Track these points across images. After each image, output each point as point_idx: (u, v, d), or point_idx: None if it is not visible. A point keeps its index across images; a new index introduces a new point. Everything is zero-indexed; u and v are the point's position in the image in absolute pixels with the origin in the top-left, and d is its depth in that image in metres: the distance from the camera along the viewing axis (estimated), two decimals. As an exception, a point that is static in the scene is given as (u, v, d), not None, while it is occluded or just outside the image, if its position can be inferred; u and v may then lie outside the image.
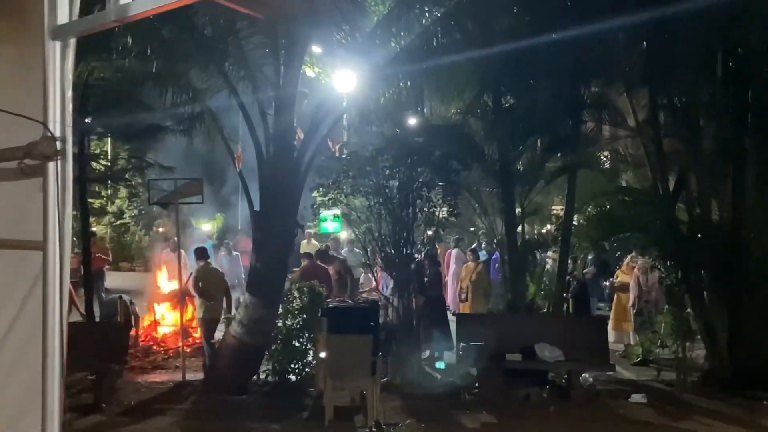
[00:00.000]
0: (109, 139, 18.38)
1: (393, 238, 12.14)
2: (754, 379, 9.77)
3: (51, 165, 2.72)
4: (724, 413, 8.92)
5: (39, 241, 2.76)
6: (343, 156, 13.97)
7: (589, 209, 13.57)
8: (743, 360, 10.10)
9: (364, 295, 13.54)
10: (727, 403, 9.27)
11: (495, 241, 14.00)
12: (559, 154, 12.99)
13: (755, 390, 9.53)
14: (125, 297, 12.92)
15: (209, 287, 11.17)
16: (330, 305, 10.87)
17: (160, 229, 17.44)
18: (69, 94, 2.92)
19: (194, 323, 12.66)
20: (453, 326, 12.09)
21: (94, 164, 16.34)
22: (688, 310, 11.19)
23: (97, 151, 18.02)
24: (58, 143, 2.70)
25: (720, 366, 10.39)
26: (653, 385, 10.70)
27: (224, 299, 11.34)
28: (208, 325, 11.03)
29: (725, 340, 10.39)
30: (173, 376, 11.02)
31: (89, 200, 14.39)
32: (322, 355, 9.65)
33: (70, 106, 2.89)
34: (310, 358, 10.54)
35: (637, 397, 9.90)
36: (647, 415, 9.38)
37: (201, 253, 11.86)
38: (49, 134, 2.69)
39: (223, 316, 11.20)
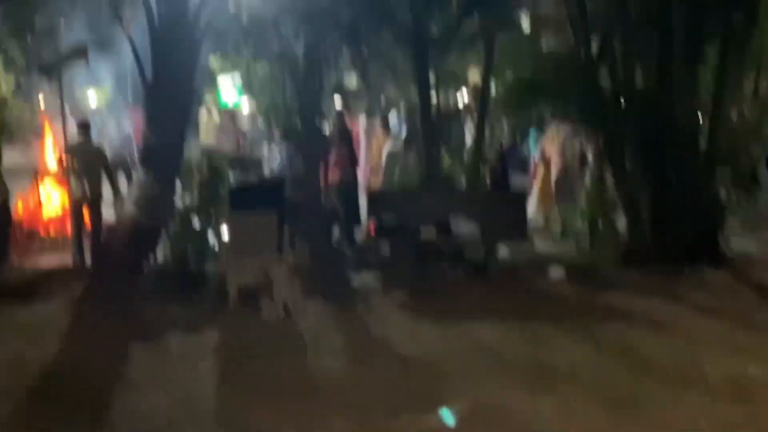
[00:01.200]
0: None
1: (299, 109, 12.00)
2: (675, 251, 10.03)
3: None
4: (643, 286, 9.18)
5: None
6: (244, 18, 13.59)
7: (508, 76, 13.69)
8: (665, 232, 10.39)
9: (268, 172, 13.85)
10: (647, 277, 9.59)
11: (406, 111, 14.31)
12: (476, 17, 12.60)
13: (676, 262, 9.83)
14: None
15: (83, 164, 10.66)
16: (233, 183, 10.89)
17: (42, 102, 16.62)
18: None
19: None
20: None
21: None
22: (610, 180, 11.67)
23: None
24: None
25: (641, 239, 10.71)
26: (573, 260, 10.96)
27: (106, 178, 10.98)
28: (77, 206, 10.69)
29: (647, 211, 10.65)
30: (63, 261, 10.91)
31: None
32: (225, 233, 9.66)
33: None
34: (210, 238, 10.39)
35: (555, 272, 10.10)
36: (565, 290, 9.59)
37: (81, 127, 11.14)
38: None
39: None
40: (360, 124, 16.30)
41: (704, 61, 10.70)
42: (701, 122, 10.93)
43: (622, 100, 10.87)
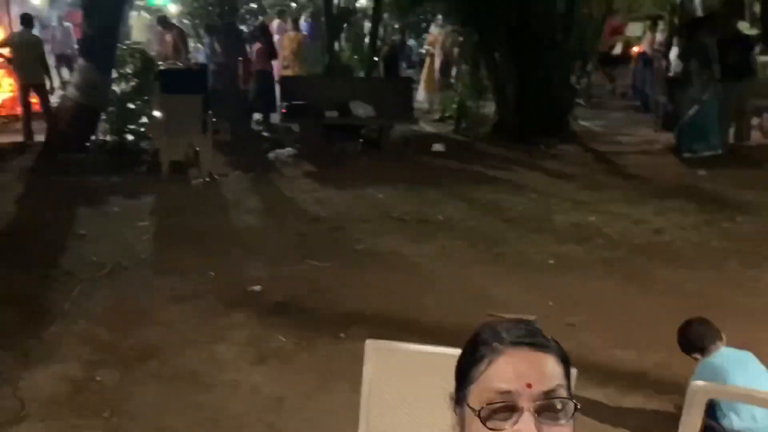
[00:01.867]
0: None
1: (220, 8, 12.08)
2: (535, 129, 10.65)
3: None
4: (508, 158, 9.91)
5: None
6: None
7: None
8: (527, 114, 10.86)
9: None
10: (511, 150, 10.25)
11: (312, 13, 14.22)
12: None
13: (534, 138, 10.46)
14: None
15: (24, 52, 10.36)
16: (162, 68, 10.81)
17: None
18: None
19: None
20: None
21: None
22: (483, 70, 12.26)
23: None
24: None
25: (507, 119, 11.26)
26: (451, 136, 11.50)
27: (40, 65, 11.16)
28: (23, 89, 10.32)
29: (513, 96, 11.16)
30: (13, 139, 10.75)
31: None
32: (157, 114, 9.74)
33: None
34: (144, 119, 10.49)
35: (437, 147, 10.71)
36: (445, 161, 10.31)
37: (24, 20, 10.82)
38: None
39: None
40: (274, 25, 16.28)
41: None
42: (558, 22, 11.65)
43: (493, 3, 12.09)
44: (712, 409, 3.11)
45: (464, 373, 1.01)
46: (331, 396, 2.67)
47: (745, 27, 12.25)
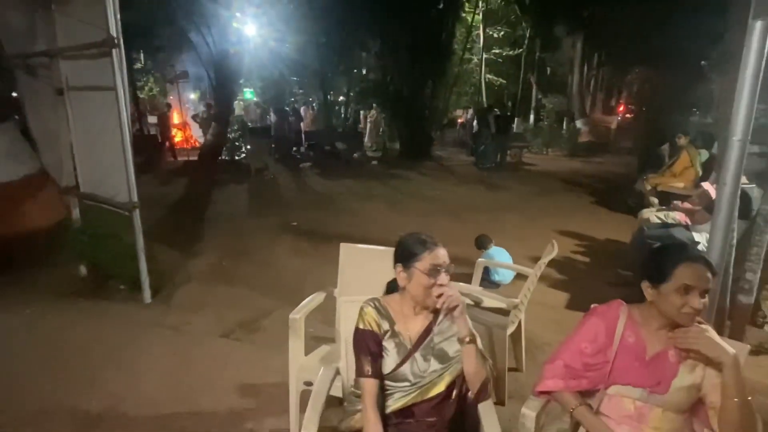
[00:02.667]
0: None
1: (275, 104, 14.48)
2: (415, 154, 12.72)
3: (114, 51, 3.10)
4: (404, 167, 11.51)
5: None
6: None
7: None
8: (411, 148, 12.95)
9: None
10: (404, 164, 11.94)
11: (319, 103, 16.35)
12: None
13: (414, 159, 12.45)
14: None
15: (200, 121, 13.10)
16: (251, 125, 13.38)
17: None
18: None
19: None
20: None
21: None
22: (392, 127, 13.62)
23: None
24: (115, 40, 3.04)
25: (403, 150, 13.16)
26: (379, 157, 13.33)
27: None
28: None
29: (405, 139, 13.17)
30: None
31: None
32: (248, 147, 11.84)
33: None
34: (243, 149, 12.53)
35: (374, 162, 12.66)
36: (377, 168, 11.86)
37: (205, 106, 13.65)
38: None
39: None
40: (302, 109, 17.55)
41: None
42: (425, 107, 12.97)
43: (396, 97, 12.82)
44: (486, 271, 4.05)
45: (412, 254, 1.56)
46: (327, 268, 2.76)
47: (508, 109, 15.51)
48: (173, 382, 2.76)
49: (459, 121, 16.66)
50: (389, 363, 1.52)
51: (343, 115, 15.82)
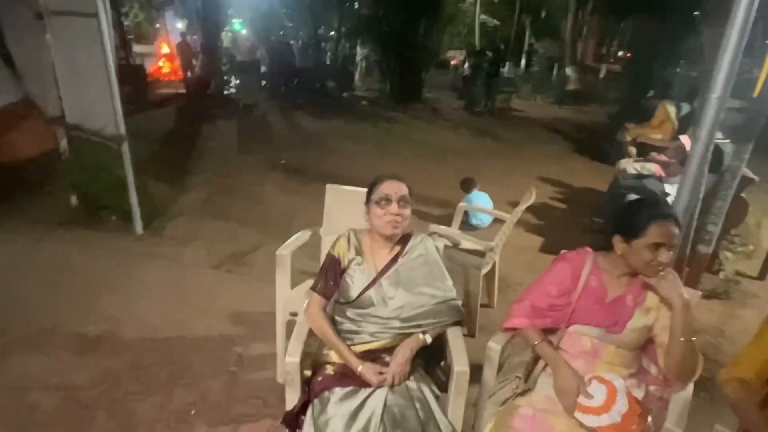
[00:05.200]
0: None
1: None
2: (405, 97, 12.02)
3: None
4: (394, 109, 11.20)
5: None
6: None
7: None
8: (402, 89, 12.28)
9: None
10: (395, 106, 11.56)
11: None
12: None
13: (406, 101, 11.89)
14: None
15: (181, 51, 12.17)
16: (240, 61, 12.85)
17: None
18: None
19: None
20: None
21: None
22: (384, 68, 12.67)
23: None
24: None
25: (394, 91, 12.49)
26: (370, 97, 12.81)
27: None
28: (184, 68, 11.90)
29: (396, 81, 12.47)
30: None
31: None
32: (238, 82, 11.52)
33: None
34: (232, 81, 12.01)
35: (364, 102, 12.20)
36: (368, 108, 11.26)
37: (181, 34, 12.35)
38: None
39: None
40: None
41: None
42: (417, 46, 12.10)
43: (387, 36, 12.05)
44: (467, 215, 4.11)
45: (371, 192, 1.67)
46: (314, 206, 2.61)
47: (500, 53, 13.68)
48: (167, 309, 2.83)
49: (452, 62, 15.94)
50: (355, 288, 1.61)
51: (334, 53, 15.14)
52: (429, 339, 1.59)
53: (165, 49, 14.27)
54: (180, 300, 2.93)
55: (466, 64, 13.52)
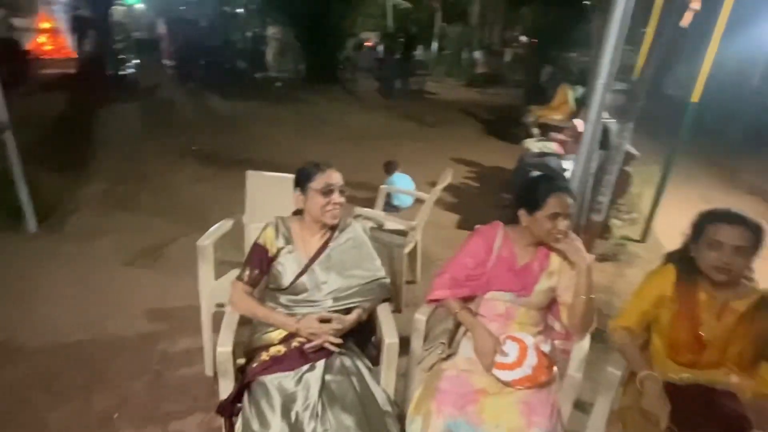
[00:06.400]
0: None
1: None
2: (323, 78, 12.00)
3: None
4: (311, 90, 10.95)
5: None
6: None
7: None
8: (319, 71, 12.06)
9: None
10: (311, 87, 11.42)
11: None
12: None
13: (319, 81, 11.77)
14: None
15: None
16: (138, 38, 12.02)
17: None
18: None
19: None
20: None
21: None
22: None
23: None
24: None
25: (310, 73, 12.32)
26: (285, 78, 12.55)
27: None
28: None
29: (310, 63, 12.18)
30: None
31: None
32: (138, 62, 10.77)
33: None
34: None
35: (278, 83, 11.79)
36: (283, 90, 11.24)
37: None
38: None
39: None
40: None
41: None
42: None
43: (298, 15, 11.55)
44: (389, 196, 4.16)
45: (308, 177, 1.65)
46: (233, 194, 2.56)
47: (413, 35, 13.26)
48: (76, 311, 2.62)
49: (367, 44, 15.75)
50: (288, 275, 1.62)
51: (242, 32, 14.29)
52: (364, 315, 1.68)
53: (46, 24, 12.38)
54: (89, 300, 2.72)
55: (381, 47, 13.63)
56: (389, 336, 1.51)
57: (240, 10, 14.48)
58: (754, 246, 1.43)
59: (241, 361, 1.61)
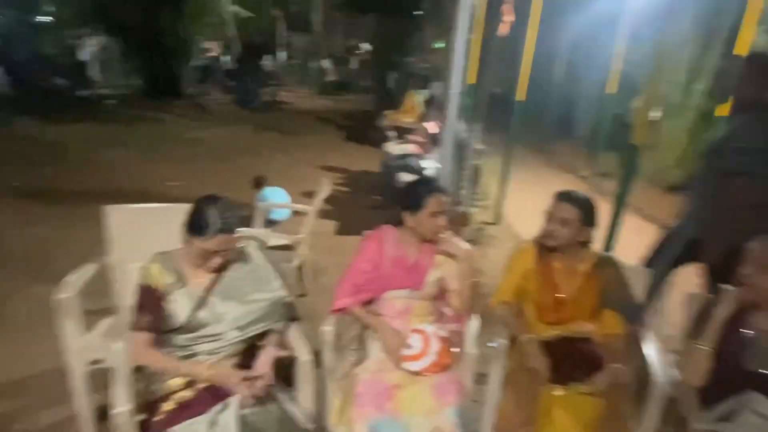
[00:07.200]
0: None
1: None
2: (165, 91, 11.00)
3: None
4: (159, 107, 10.03)
5: None
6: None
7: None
8: (156, 83, 11.03)
9: None
10: (151, 106, 10.43)
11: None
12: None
13: (170, 97, 10.82)
14: None
15: None
16: None
17: None
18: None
19: None
20: None
21: None
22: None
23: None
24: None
25: (147, 85, 11.04)
26: (116, 96, 11.14)
27: None
28: None
29: (146, 71, 11.01)
30: None
31: None
32: None
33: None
34: None
35: (110, 102, 10.68)
36: (120, 108, 9.96)
37: None
38: None
39: None
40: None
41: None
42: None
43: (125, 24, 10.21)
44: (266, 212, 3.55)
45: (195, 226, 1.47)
46: (78, 233, 2.49)
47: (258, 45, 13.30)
48: None
49: (211, 55, 14.86)
50: (182, 313, 1.52)
51: (56, 43, 12.65)
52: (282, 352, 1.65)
53: None
54: None
55: (227, 58, 13.27)
56: (303, 354, 1.53)
57: (48, 19, 12.34)
58: (579, 219, 1.72)
59: (139, 417, 1.48)
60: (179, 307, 1.51)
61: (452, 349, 1.68)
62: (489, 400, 1.58)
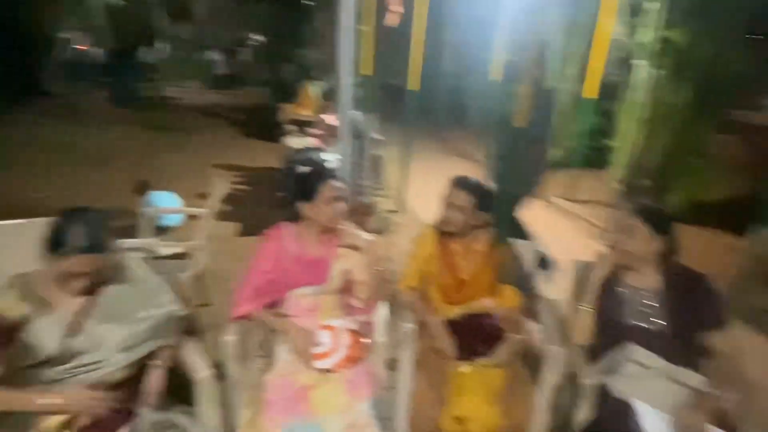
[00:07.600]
0: None
1: None
2: (21, 90, 9.34)
3: None
4: (15, 108, 8.74)
5: None
6: None
7: None
8: (8, 79, 9.25)
9: None
10: (4, 107, 8.87)
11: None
12: None
13: (29, 95, 9.29)
14: None
15: None
16: None
17: None
18: None
19: None
20: None
21: None
22: None
23: None
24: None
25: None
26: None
27: None
28: None
29: None
30: None
31: None
32: None
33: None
34: None
35: None
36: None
37: None
38: None
39: None
40: None
41: None
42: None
43: None
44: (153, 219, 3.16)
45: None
46: None
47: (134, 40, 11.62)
48: None
49: (79, 47, 13.49)
50: (49, 344, 1.35)
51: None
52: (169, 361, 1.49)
53: None
54: None
55: (100, 50, 12.13)
56: (200, 370, 1.42)
57: None
58: (474, 205, 1.81)
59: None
60: (45, 337, 1.33)
61: (362, 340, 1.66)
62: (402, 386, 1.60)
